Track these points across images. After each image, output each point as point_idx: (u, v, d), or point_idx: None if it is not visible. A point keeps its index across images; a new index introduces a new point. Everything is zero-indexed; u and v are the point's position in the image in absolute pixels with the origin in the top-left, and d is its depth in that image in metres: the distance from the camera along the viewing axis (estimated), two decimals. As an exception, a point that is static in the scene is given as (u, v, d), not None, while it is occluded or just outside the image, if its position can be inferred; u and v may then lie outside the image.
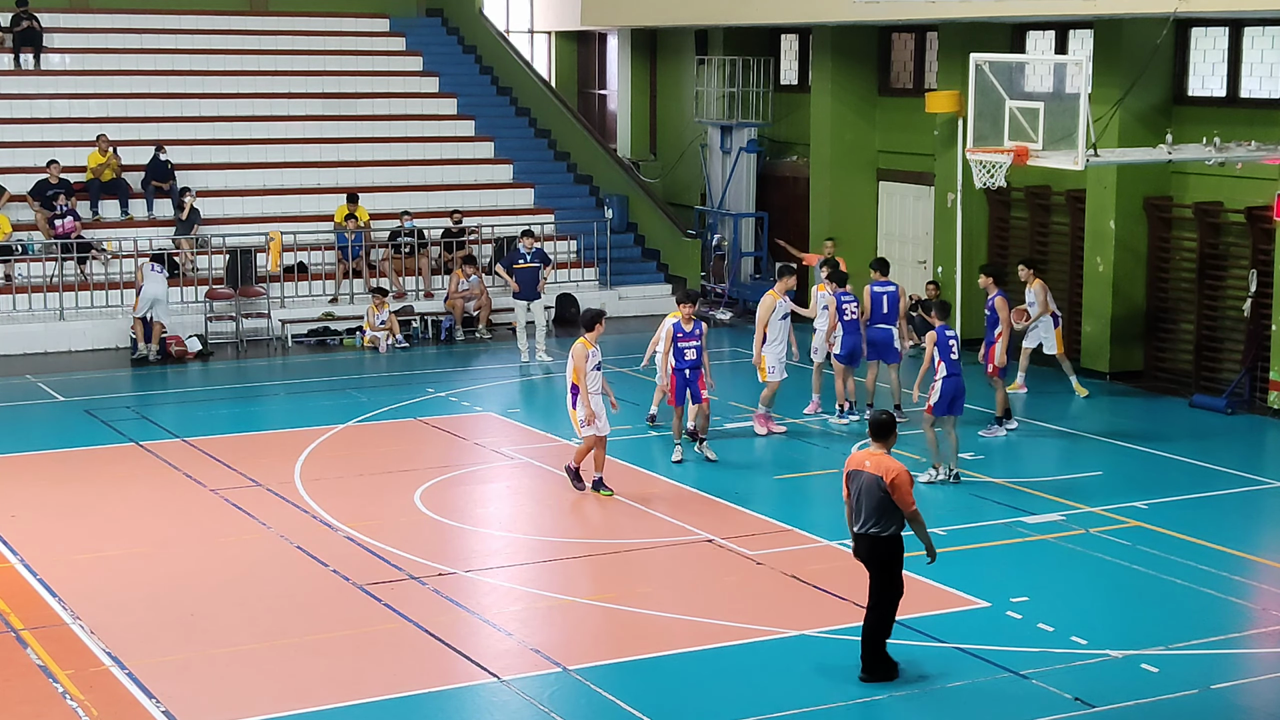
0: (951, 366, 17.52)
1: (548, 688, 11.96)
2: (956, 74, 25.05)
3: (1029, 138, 19.23)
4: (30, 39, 30.54)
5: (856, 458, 12.16)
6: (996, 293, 20.08)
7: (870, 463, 11.95)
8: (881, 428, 12.12)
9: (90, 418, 20.88)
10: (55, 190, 26.86)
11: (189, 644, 12.83)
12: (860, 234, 29.18)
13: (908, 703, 11.74)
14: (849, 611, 13.41)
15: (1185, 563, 14.94)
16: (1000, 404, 20.04)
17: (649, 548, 15.41)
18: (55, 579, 14.33)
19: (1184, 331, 23.07)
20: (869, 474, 11.93)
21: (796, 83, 31.29)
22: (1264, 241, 21.53)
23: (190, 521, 16.31)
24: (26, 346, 25.30)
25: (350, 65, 33.00)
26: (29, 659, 12.49)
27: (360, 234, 27.77)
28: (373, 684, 12.00)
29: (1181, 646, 12.75)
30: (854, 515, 12.10)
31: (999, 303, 19.98)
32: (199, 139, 29.88)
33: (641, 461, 18.53)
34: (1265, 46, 21.99)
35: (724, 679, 12.22)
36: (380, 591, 14.01)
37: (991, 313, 20.09)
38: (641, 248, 31.45)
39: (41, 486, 17.58)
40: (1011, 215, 25.92)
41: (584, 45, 37.91)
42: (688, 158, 33.30)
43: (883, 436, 12.09)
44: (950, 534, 15.73)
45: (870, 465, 11.94)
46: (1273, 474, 18.53)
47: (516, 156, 32.08)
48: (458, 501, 17.26)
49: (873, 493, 11.89)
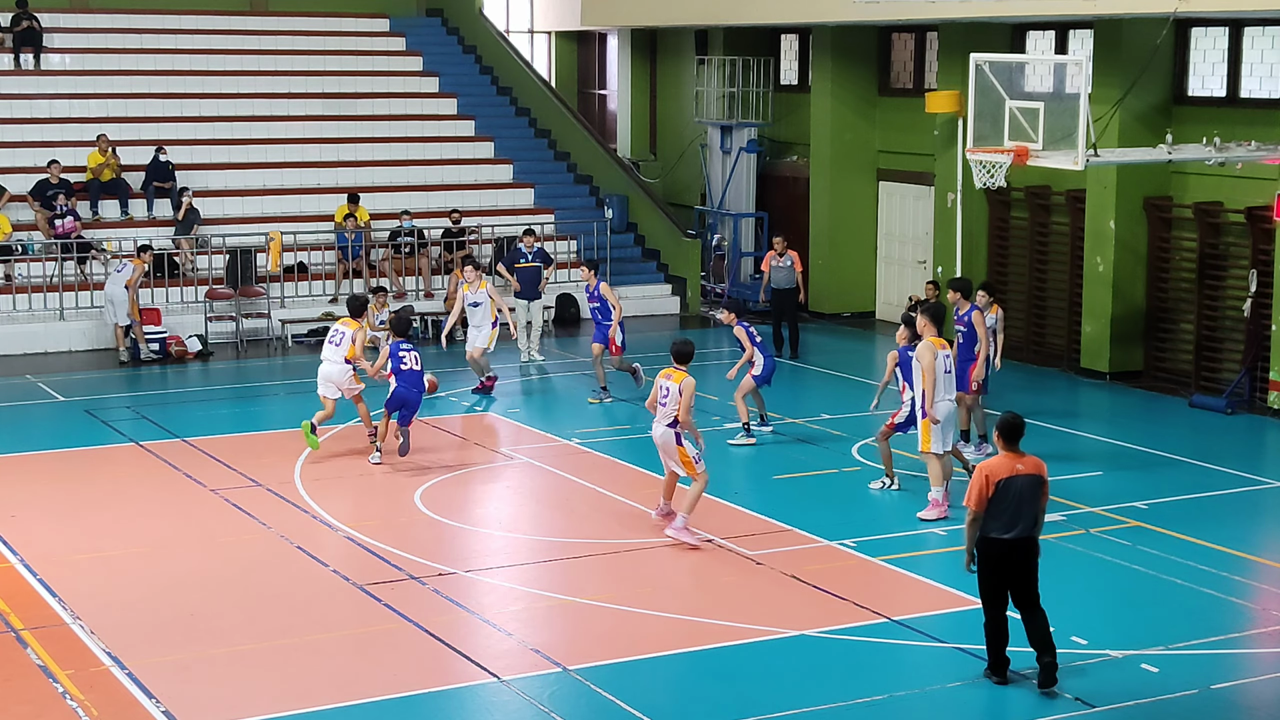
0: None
1: (548, 688, 11.96)
2: (956, 74, 25.06)
3: (1029, 138, 19.23)
4: (30, 39, 30.53)
5: (999, 465, 11.73)
6: (970, 307, 18.74)
7: (1021, 466, 11.70)
8: (1018, 430, 11.82)
9: (90, 418, 20.88)
10: (55, 190, 26.86)
11: (189, 644, 12.83)
12: (860, 234, 29.21)
13: (908, 703, 11.74)
14: (849, 611, 13.41)
15: (1185, 563, 14.94)
16: (980, 423, 18.86)
17: (649, 548, 15.41)
18: (55, 579, 14.33)
19: (1184, 331, 23.08)
20: (1026, 476, 11.68)
21: (796, 83, 31.29)
22: (1264, 241, 21.53)
23: (190, 521, 16.31)
24: (26, 346, 25.30)
25: (350, 65, 32.99)
26: (29, 659, 12.49)
27: (360, 234, 27.77)
28: (373, 684, 11.99)
29: (1181, 646, 12.75)
30: (1007, 522, 11.66)
31: (976, 317, 18.65)
32: (199, 139, 29.86)
33: (641, 461, 18.52)
34: (1265, 46, 22.00)
35: (724, 679, 12.22)
36: (380, 591, 14.01)
37: (969, 329, 18.64)
38: (641, 248, 31.44)
39: (41, 486, 17.58)
40: (1011, 215, 25.93)
41: (584, 45, 37.91)
42: (688, 158, 33.30)
43: (1019, 438, 11.82)
44: (951, 534, 15.74)
45: (1023, 468, 11.70)
46: (1272, 474, 18.53)
47: (516, 156, 32.08)
48: (458, 501, 17.26)
49: (1034, 495, 11.69)
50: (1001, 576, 11.82)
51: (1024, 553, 11.79)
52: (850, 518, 16.21)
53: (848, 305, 29.17)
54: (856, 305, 29.24)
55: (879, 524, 16.15)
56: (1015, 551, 11.76)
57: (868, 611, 13.52)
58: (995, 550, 11.77)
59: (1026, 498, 11.68)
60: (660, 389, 15.35)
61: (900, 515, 16.40)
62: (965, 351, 18.54)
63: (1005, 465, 11.74)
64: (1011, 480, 11.66)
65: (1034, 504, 11.72)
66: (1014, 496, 11.65)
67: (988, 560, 11.83)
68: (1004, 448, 11.84)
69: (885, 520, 16.31)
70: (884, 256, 29.20)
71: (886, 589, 14.16)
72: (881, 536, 15.66)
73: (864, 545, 15.37)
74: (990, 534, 11.76)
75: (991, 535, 11.75)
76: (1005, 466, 11.73)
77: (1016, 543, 11.73)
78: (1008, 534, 11.71)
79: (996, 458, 11.88)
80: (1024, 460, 11.75)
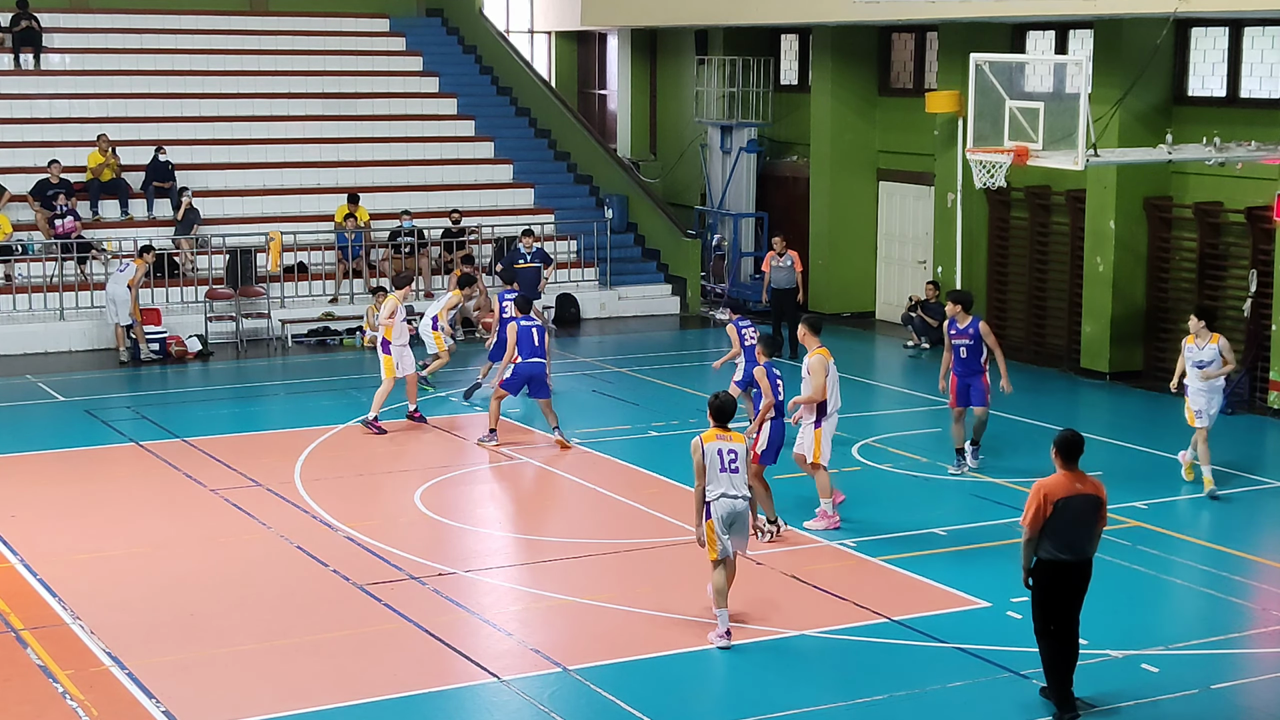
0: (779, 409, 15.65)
1: (547, 688, 11.96)
2: (956, 74, 25.06)
3: (1029, 138, 19.23)
4: (30, 39, 30.52)
5: (1057, 484, 11.23)
6: (974, 319, 17.82)
7: (1080, 485, 11.24)
8: (1076, 448, 11.32)
9: (90, 418, 20.88)
10: (55, 190, 26.85)
11: (189, 644, 12.82)
12: (860, 234, 29.20)
13: (908, 703, 11.73)
14: (849, 612, 13.42)
15: (1185, 563, 14.94)
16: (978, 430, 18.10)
17: (649, 548, 15.41)
18: (55, 579, 14.33)
19: (1184, 331, 22.95)
20: (1084, 497, 11.21)
21: (796, 83, 31.29)
22: (1264, 242, 21.53)
23: (190, 521, 16.30)
24: (26, 346, 25.30)
25: (350, 65, 32.98)
26: (29, 659, 12.48)
27: (360, 234, 27.76)
28: (373, 684, 11.99)
29: (1182, 646, 12.75)
30: (1065, 543, 11.19)
31: (984, 328, 17.78)
32: (199, 139, 29.86)
33: (641, 461, 18.52)
34: (1265, 46, 22.00)
35: (724, 679, 12.23)
36: (380, 591, 14.01)
37: (975, 340, 17.75)
38: (641, 248, 31.43)
39: (41, 486, 17.57)
40: (1011, 215, 25.92)
41: (584, 45, 37.91)
42: (688, 158, 33.30)
43: (1078, 456, 11.33)
44: (950, 534, 15.75)
45: (1083, 488, 11.23)
46: (1272, 474, 18.53)
47: (516, 156, 32.08)
48: (458, 501, 17.26)
49: (1092, 516, 11.24)
50: (1060, 600, 11.34)
51: (1081, 576, 11.35)
52: (850, 518, 16.19)
53: (848, 305, 29.17)
54: (856, 305, 29.24)
55: (879, 524, 16.14)
56: (1073, 575, 11.31)
57: (868, 611, 13.51)
58: (1051, 572, 11.30)
59: (1084, 519, 11.23)
60: (725, 453, 12.79)
61: (900, 515, 16.40)
62: (971, 365, 17.78)
63: (1064, 485, 11.24)
64: (1070, 500, 11.18)
65: (1091, 526, 11.27)
66: (1072, 517, 11.19)
67: (1042, 583, 11.33)
68: (1062, 466, 11.32)
69: (885, 520, 16.30)
70: (884, 257, 29.20)
71: (886, 589, 14.15)
72: (881, 537, 15.66)
73: (864, 545, 15.37)
74: (1045, 555, 11.26)
75: (1047, 557, 11.26)
76: (1064, 486, 11.23)
77: (1072, 566, 11.28)
78: (1064, 556, 11.24)
79: (1055, 476, 11.33)
80: (1084, 480, 11.29)
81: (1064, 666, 11.41)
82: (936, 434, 20.02)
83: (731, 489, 12.67)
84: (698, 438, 12.78)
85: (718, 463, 12.65)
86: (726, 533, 12.72)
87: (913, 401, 22.35)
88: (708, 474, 12.65)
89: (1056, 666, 11.41)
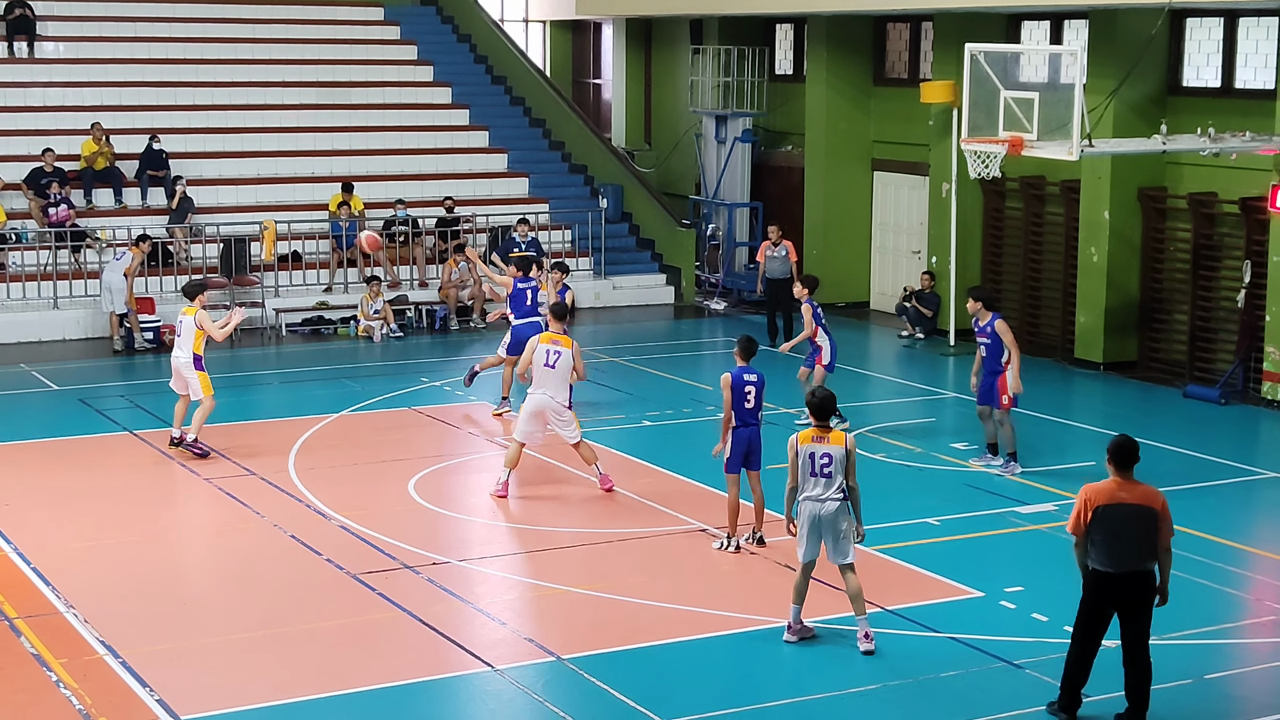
0: (746, 416, 14.80)
1: (541, 677, 11.96)
2: (951, 64, 25.02)
3: (1024, 128, 19.23)
4: (24, 27, 30.45)
5: (1099, 491, 10.90)
6: (992, 316, 17.38)
7: (1125, 494, 10.84)
8: (1127, 453, 10.94)
9: (84, 406, 20.86)
10: (49, 178, 26.81)
11: (183, 633, 12.82)
12: (855, 224, 29.19)
13: (901, 693, 11.74)
14: (842, 601, 13.40)
15: (1179, 553, 14.80)
16: (1010, 440, 17.68)
17: (642, 537, 15.41)
18: (49, 568, 14.32)
19: (1178, 322, 23.09)
20: (1130, 506, 10.80)
21: (791, 72, 31.27)
22: (1258, 232, 21.54)
23: (184, 510, 16.30)
24: (20, 335, 25.26)
25: (344, 54, 32.92)
26: (23, 648, 12.48)
27: (354, 223, 27.73)
28: (366, 673, 11.99)
29: (1176, 636, 12.76)
30: (1107, 553, 10.85)
31: (1000, 326, 17.29)
32: (193, 127, 29.84)
33: (635, 451, 18.53)
34: (1260, 37, 22.00)
35: (718, 668, 12.23)
36: (374, 580, 14.01)
37: (993, 339, 17.36)
38: (636, 237, 31.41)
39: (35, 475, 17.55)
40: (1006, 205, 25.92)
41: (579, 34, 37.86)
42: (682, 147, 33.28)
43: (1130, 462, 10.95)
44: (944, 524, 15.76)
45: (1128, 497, 10.82)
46: (1266, 464, 18.54)
47: (511, 146, 32.04)
48: (452, 491, 17.25)
49: (1139, 528, 10.81)
50: (1101, 611, 11.04)
51: (1129, 590, 10.92)
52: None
53: (842, 295, 29.14)
54: (851, 295, 29.22)
55: (873, 514, 16.09)
56: (1118, 588, 10.92)
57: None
58: (1097, 583, 10.97)
59: (1128, 530, 10.80)
60: (819, 457, 12.45)
61: (895, 505, 16.40)
62: (991, 364, 17.41)
63: (1106, 491, 10.88)
64: (1109, 508, 10.80)
65: (1139, 537, 10.82)
66: (1112, 526, 10.80)
67: (1088, 592, 11.06)
68: (1114, 472, 10.95)
69: (880, 510, 16.28)
70: (879, 246, 29.19)
71: (881, 579, 14.14)
72: (876, 526, 15.61)
73: (858, 535, 15.35)
74: (1092, 564, 10.97)
75: (1093, 566, 10.97)
76: (1106, 493, 10.87)
77: (1119, 578, 10.88)
78: (1109, 567, 10.87)
79: (1103, 482, 11.00)
80: (1132, 489, 10.86)
81: (1079, 674, 11.19)
82: (930, 424, 20.05)
83: (817, 492, 12.45)
84: (794, 436, 12.57)
85: (809, 465, 12.43)
86: (811, 536, 12.55)
87: (907, 391, 22.36)
88: (800, 475, 12.49)
89: (1072, 672, 11.24)
